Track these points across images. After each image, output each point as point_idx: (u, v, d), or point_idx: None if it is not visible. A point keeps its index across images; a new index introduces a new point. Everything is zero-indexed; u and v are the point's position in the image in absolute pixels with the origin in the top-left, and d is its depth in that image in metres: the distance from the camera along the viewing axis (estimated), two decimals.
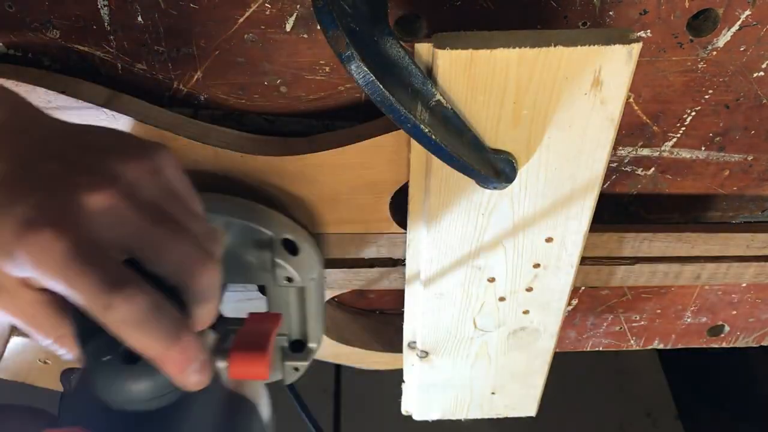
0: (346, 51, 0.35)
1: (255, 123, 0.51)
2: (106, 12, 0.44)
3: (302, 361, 0.57)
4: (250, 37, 0.46)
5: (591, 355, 0.78)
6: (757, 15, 0.46)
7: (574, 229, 0.50)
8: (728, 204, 0.60)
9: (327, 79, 0.49)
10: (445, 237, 0.51)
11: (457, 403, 0.69)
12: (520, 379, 0.66)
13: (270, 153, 0.49)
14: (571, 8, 0.45)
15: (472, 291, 0.55)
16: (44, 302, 0.34)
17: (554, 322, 0.59)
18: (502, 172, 0.44)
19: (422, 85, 0.40)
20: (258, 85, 0.49)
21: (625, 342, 0.71)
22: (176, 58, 0.47)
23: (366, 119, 0.51)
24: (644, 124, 0.53)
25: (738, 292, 0.66)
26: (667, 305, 0.68)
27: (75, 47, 0.46)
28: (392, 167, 0.50)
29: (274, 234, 0.49)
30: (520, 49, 0.39)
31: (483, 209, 0.48)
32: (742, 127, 0.53)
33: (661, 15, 0.46)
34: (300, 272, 0.50)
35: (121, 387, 0.31)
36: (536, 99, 0.41)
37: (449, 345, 0.61)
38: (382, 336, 0.67)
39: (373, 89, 0.37)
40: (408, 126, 0.39)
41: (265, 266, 0.50)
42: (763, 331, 0.71)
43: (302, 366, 0.58)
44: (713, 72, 0.49)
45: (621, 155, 0.55)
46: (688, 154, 0.55)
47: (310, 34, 0.46)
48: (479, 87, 0.41)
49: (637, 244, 0.59)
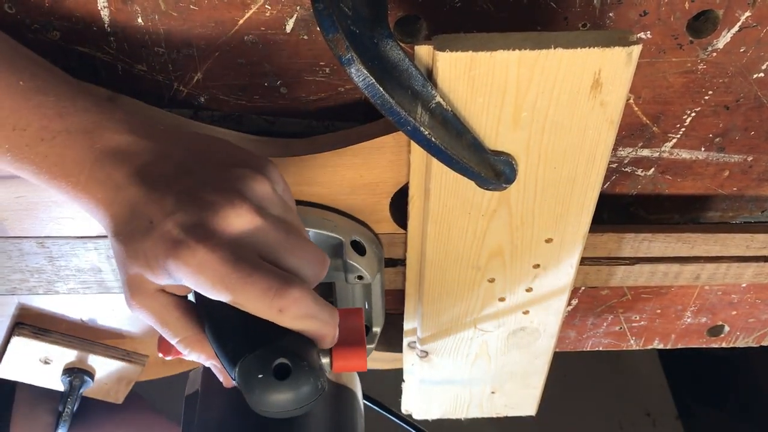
0: (346, 54, 0.35)
1: (255, 124, 0.51)
2: (106, 13, 0.44)
3: (370, 344, 0.62)
4: (250, 38, 0.46)
5: (591, 355, 0.78)
6: (757, 16, 0.46)
7: (574, 229, 0.50)
8: (728, 204, 0.60)
9: (327, 80, 0.49)
10: (445, 238, 0.51)
11: (457, 402, 0.70)
12: (520, 379, 0.66)
13: (270, 154, 0.49)
14: (571, 10, 0.45)
15: (472, 291, 0.55)
16: (176, 305, 0.38)
17: (554, 322, 0.59)
18: (501, 173, 0.44)
19: (422, 87, 0.40)
20: (258, 86, 0.49)
21: (625, 342, 0.72)
22: (176, 60, 0.47)
23: (366, 120, 0.51)
24: (644, 125, 0.53)
25: (738, 292, 0.66)
26: (667, 305, 0.68)
27: (75, 48, 0.46)
28: (392, 168, 0.50)
29: (344, 238, 0.52)
30: (520, 51, 0.39)
31: (483, 210, 0.48)
32: (741, 128, 0.53)
33: (661, 16, 0.46)
34: (369, 270, 0.53)
35: (277, 400, 0.35)
36: (536, 101, 0.42)
37: (449, 345, 0.61)
38: (382, 336, 0.68)
39: (373, 92, 0.37)
40: (408, 128, 0.39)
41: (337, 267, 0.54)
42: (762, 331, 0.71)
43: (369, 349, 0.63)
44: (713, 73, 0.49)
45: (621, 156, 0.55)
46: (688, 154, 0.55)
47: (310, 35, 0.46)
48: (479, 89, 0.41)
49: (637, 245, 0.59)
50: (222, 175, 0.37)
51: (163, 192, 0.36)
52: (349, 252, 0.52)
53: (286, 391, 0.34)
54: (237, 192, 0.36)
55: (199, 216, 0.35)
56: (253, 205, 0.36)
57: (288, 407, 0.35)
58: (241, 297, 0.34)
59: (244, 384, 0.35)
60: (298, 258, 0.37)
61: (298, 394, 0.35)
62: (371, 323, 0.61)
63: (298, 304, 0.35)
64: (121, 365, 0.67)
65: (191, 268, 0.34)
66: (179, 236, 0.34)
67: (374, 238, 0.55)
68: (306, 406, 0.35)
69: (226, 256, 0.34)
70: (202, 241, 0.34)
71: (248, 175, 0.37)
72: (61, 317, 0.62)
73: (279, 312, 0.35)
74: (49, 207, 0.51)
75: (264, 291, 0.34)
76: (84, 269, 0.56)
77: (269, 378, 0.34)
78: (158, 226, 0.35)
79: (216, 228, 0.35)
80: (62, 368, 0.65)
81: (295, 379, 0.34)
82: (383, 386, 0.72)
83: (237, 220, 0.35)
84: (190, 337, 0.39)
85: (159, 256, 0.35)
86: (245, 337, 0.35)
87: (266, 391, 0.34)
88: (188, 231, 0.34)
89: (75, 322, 0.63)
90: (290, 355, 0.35)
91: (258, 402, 0.35)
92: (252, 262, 0.35)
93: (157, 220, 0.35)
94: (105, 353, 0.66)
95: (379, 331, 0.62)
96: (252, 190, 0.36)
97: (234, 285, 0.34)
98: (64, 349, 0.64)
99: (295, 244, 0.37)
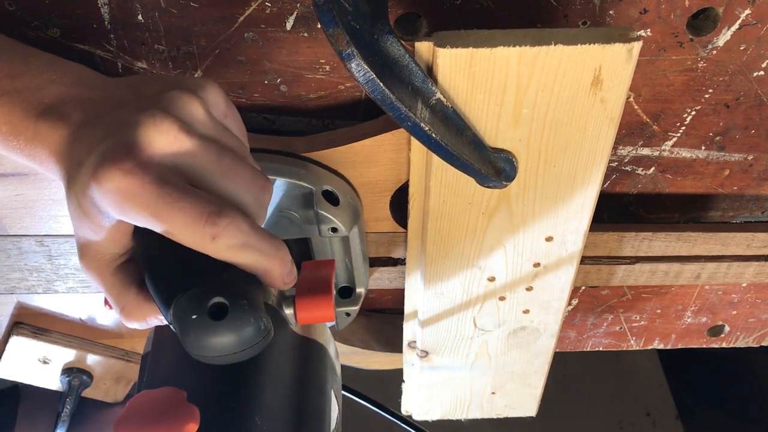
0: (347, 49, 0.35)
1: (255, 122, 0.51)
2: (106, 11, 0.44)
3: (352, 306, 0.59)
4: (251, 35, 0.46)
5: (591, 355, 0.78)
6: (757, 14, 0.46)
7: (574, 228, 0.50)
8: (728, 204, 0.60)
9: (327, 78, 0.49)
10: (445, 236, 0.51)
11: (457, 403, 0.69)
12: (520, 379, 0.66)
13: (270, 152, 0.49)
14: (572, 7, 0.45)
15: (472, 290, 0.55)
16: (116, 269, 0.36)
17: (554, 322, 0.59)
18: (502, 170, 0.44)
19: (422, 83, 0.40)
20: (258, 83, 0.49)
21: (625, 342, 0.71)
22: (176, 57, 0.47)
23: (366, 118, 0.51)
24: (644, 124, 0.53)
25: (738, 292, 0.66)
26: (667, 305, 0.68)
27: (75, 46, 0.46)
28: (392, 166, 0.50)
29: (314, 187, 0.49)
30: (520, 48, 0.39)
31: (483, 208, 0.48)
32: (742, 127, 0.53)
33: (661, 14, 0.46)
34: (343, 222, 0.50)
35: (213, 342, 0.32)
36: (536, 98, 0.41)
37: (449, 344, 0.61)
38: (382, 336, 0.67)
39: (373, 87, 0.37)
40: (408, 124, 0.39)
41: (309, 219, 0.51)
42: (763, 331, 0.71)
43: (353, 311, 0.59)
44: (713, 71, 0.49)
45: (621, 155, 0.55)
46: (688, 153, 0.55)
47: (310, 32, 0.46)
48: (479, 85, 0.41)
49: (637, 244, 0.59)
50: (152, 100, 0.34)
51: (93, 128, 0.33)
52: (321, 202, 0.49)
53: (223, 333, 0.31)
54: (161, 109, 0.33)
55: (120, 139, 0.32)
56: (178, 122, 0.33)
57: (227, 350, 0.32)
58: (169, 224, 0.31)
59: (178, 327, 0.32)
60: (234, 182, 0.34)
61: (239, 336, 0.32)
62: (354, 283, 0.58)
63: (231, 230, 0.32)
64: (120, 365, 0.67)
65: (113, 195, 0.31)
66: (99, 162, 0.31)
67: (350, 189, 0.52)
68: (248, 349, 0.32)
69: (149, 177, 0.31)
70: (119, 162, 0.31)
71: (177, 95, 0.34)
72: (60, 316, 0.62)
73: (212, 240, 0.31)
74: (48, 205, 0.51)
75: (194, 217, 0.31)
76: None
77: (204, 318, 0.31)
78: (84, 161, 0.32)
79: (136, 147, 0.32)
80: (61, 368, 0.65)
81: (233, 319, 0.31)
82: (383, 386, 0.72)
83: (159, 138, 0.32)
84: (131, 303, 0.36)
85: (86, 191, 0.32)
86: (180, 276, 0.33)
87: (201, 332, 0.31)
88: (107, 155, 0.31)
89: (74, 322, 0.63)
90: (228, 293, 0.32)
91: (193, 346, 0.32)
92: (180, 186, 0.32)
93: (84, 157, 0.32)
94: (104, 353, 0.65)
95: (364, 292, 0.59)
96: (179, 109, 0.33)
97: (160, 210, 0.31)
98: (63, 349, 0.64)
99: (229, 167, 0.34)
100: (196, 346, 0.32)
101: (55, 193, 0.50)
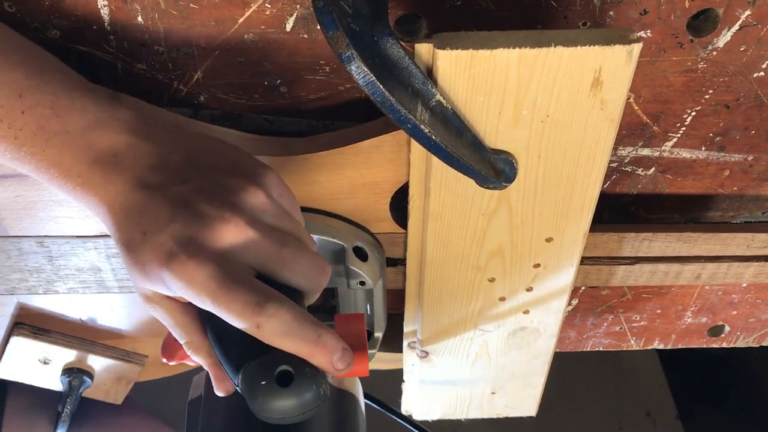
0: (347, 51, 0.35)
1: (255, 123, 0.51)
2: (105, 12, 0.44)
3: (372, 349, 0.63)
4: (250, 37, 0.46)
5: (591, 355, 0.78)
6: (757, 15, 0.46)
7: (575, 228, 0.50)
8: (728, 204, 0.60)
9: (327, 79, 0.49)
10: (445, 237, 0.51)
11: (457, 403, 0.69)
12: (520, 379, 0.66)
13: (270, 153, 0.49)
14: (571, 8, 0.45)
15: (473, 291, 0.55)
16: (181, 310, 0.39)
17: (554, 322, 0.59)
18: (502, 172, 0.44)
19: (422, 85, 0.40)
20: (258, 85, 0.49)
21: (625, 342, 0.71)
22: (176, 58, 0.47)
23: (366, 119, 0.51)
24: (644, 124, 0.53)
25: (738, 292, 0.66)
26: (667, 305, 0.68)
27: (75, 47, 0.46)
28: (392, 167, 0.50)
29: (346, 244, 0.52)
30: (520, 50, 0.39)
31: (483, 209, 0.48)
32: (742, 127, 0.53)
33: (661, 15, 0.46)
34: (371, 276, 0.53)
35: (279, 406, 0.35)
36: (536, 99, 0.41)
37: (449, 345, 0.61)
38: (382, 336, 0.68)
39: (373, 89, 0.37)
40: (408, 126, 0.39)
41: (339, 273, 0.54)
42: (763, 331, 0.71)
43: (372, 354, 0.63)
44: (713, 72, 0.49)
45: (621, 155, 0.55)
46: (688, 154, 0.55)
47: (310, 34, 0.46)
48: (479, 87, 0.41)
49: (637, 244, 0.59)
50: (217, 184, 0.37)
51: (159, 201, 0.36)
52: (352, 258, 0.53)
53: (289, 398, 0.35)
54: (230, 205, 0.36)
55: (192, 229, 0.35)
56: (245, 217, 0.36)
57: (291, 413, 0.35)
58: (223, 311, 0.35)
59: (247, 391, 0.35)
60: (293, 271, 0.37)
61: (301, 401, 0.35)
62: (373, 328, 0.61)
63: (273, 321, 0.35)
64: (120, 365, 0.67)
65: (183, 282, 0.35)
66: (172, 250, 0.35)
67: (376, 243, 0.55)
68: (308, 412, 0.36)
69: (213, 270, 0.35)
70: (193, 256, 0.35)
71: (242, 187, 0.37)
72: (61, 317, 0.62)
73: (257, 328, 0.35)
74: (48, 206, 0.51)
75: (243, 306, 0.35)
76: (83, 269, 0.56)
77: (272, 385, 0.35)
78: (152, 237, 0.36)
79: (206, 242, 0.35)
80: (61, 368, 0.65)
81: (298, 385, 0.35)
82: (383, 386, 0.72)
83: (228, 234, 0.36)
84: (195, 341, 0.40)
85: (154, 268, 0.36)
86: (248, 344, 0.36)
87: (269, 397, 0.35)
88: (180, 245, 0.35)
89: (74, 322, 0.63)
90: (293, 362, 0.35)
91: (261, 409, 0.35)
92: (238, 276, 0.35)
93: (151, 232, 0.36)
94: (104, 353, 0.65)
95: (381, 336, 0.62)
96: (245, 202, 0.37)
97: (218, 299, 0.35)
98: (63, 349, 0.64)
99: (290, 256, 0.37)
100: (263, 408, 0.35)
101: (55, 195, 0.50)
